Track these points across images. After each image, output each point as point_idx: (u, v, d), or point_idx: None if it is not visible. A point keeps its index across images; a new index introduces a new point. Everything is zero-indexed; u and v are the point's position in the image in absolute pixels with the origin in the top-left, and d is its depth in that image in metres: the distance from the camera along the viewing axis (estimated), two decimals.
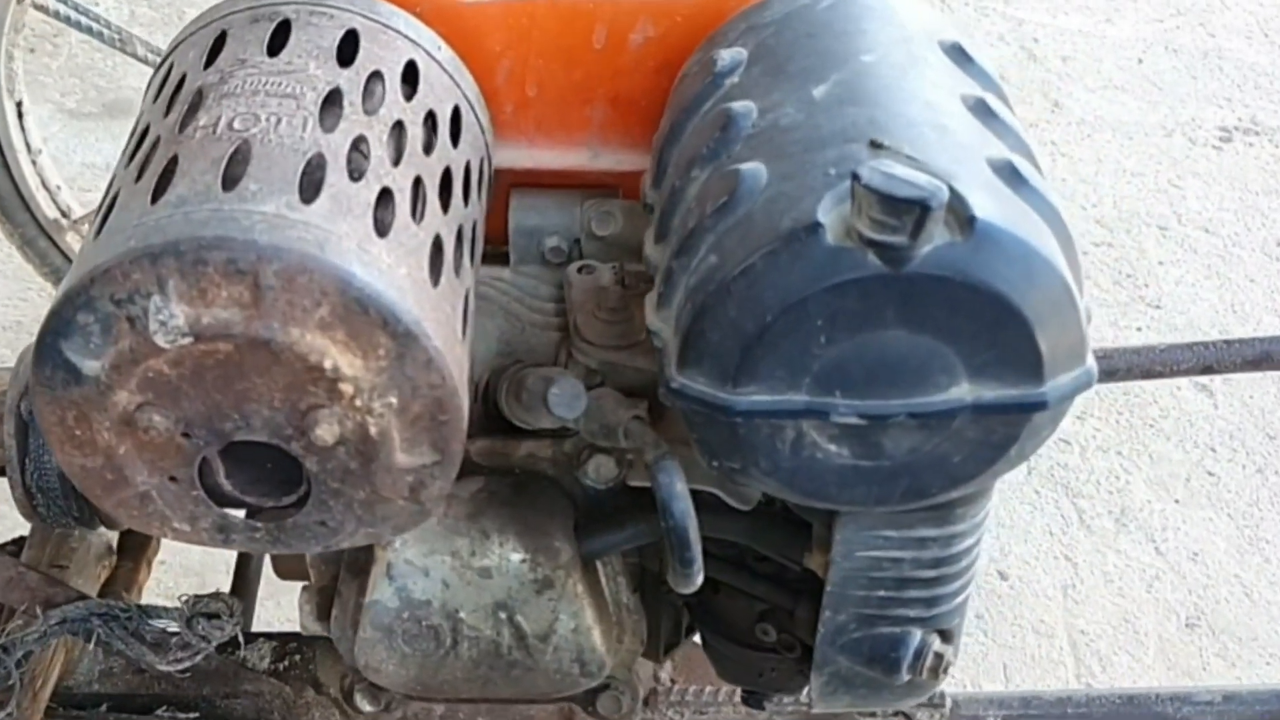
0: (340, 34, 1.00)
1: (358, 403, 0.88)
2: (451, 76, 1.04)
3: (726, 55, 1.01)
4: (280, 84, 0.94)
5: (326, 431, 0.88)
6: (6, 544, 1.48)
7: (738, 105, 0.96)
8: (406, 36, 1.02)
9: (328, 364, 0.86)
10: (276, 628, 1.56)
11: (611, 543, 1.06)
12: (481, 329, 1.13)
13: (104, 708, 1.41)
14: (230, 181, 0.87)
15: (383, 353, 0.87)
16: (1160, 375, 1.41)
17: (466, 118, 1.04)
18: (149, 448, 0.90)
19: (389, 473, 0.92)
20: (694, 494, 1.01)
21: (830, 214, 0.85)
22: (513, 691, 1.09)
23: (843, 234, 0.84)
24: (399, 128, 0.97)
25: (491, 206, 1.17)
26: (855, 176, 0.83)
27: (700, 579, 0.99)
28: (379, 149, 0.94)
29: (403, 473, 0.92)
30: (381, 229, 0.89)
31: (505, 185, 1.18)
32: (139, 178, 0.91)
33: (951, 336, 0.87)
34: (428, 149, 0.98)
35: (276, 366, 0.86)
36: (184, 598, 1.27)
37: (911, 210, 0.82)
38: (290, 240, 0.84)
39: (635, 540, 1.06)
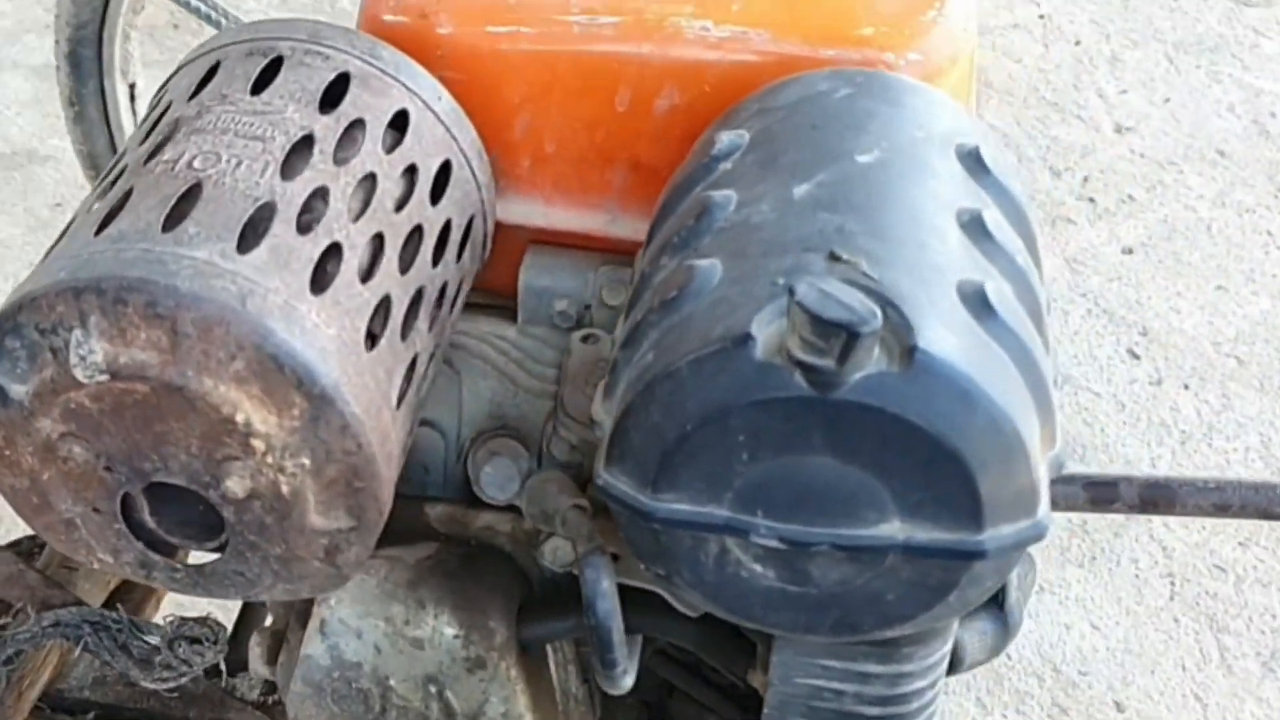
0: (330, 77, 1.06)
1: (269, 460, 0.93)
2: (448, 129, 1.09)
3: (726, 138, 1.05)
4: (252, 125, 1.01)
5: (237, 484, 0.94)
6: (23, 540, 1.58)
7: (718, 194, 1.00)
8: (404, 84, 1.08)
9: (240, 418, 0.92)
10: None
11: (555, 630, 1.10)
12: (474, 389, 1.19)
13: (91, 715, 1.50)
14: (172, 222, 0.94)
15: (297, 413, 0.92)
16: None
17: (458, 173, 1.09)
18: (71, 477, 0.97)
19: (302, 533, 0.97)
20: (645, 594, 1.04)
21: (765, 327, 0.88)
22: None
23: (774, 350, 0.87)
24: (370, 180, 1.02)
25: (508, 260, 1.22)
26: (790, 291, 0.86)
27: (626, 682, 1.03)
28: (339, 201, 0.99)
29: (317, 534, 0.97)
30: (318, 286, 0.95)
31: (522, 241, 1.23)
32: (94, 206, 0.98)
33: (882, 471, 0.89)
34: (400, 204, 1.03)
35: (192, 414, 0.92)
36: (169, 618, 1.35)
37: (839, 334, 0.84)
38: (213, 290, 0.90)
39: (578, 631, 1.10)
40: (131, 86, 2.12)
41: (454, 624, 1.10)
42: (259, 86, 1.04)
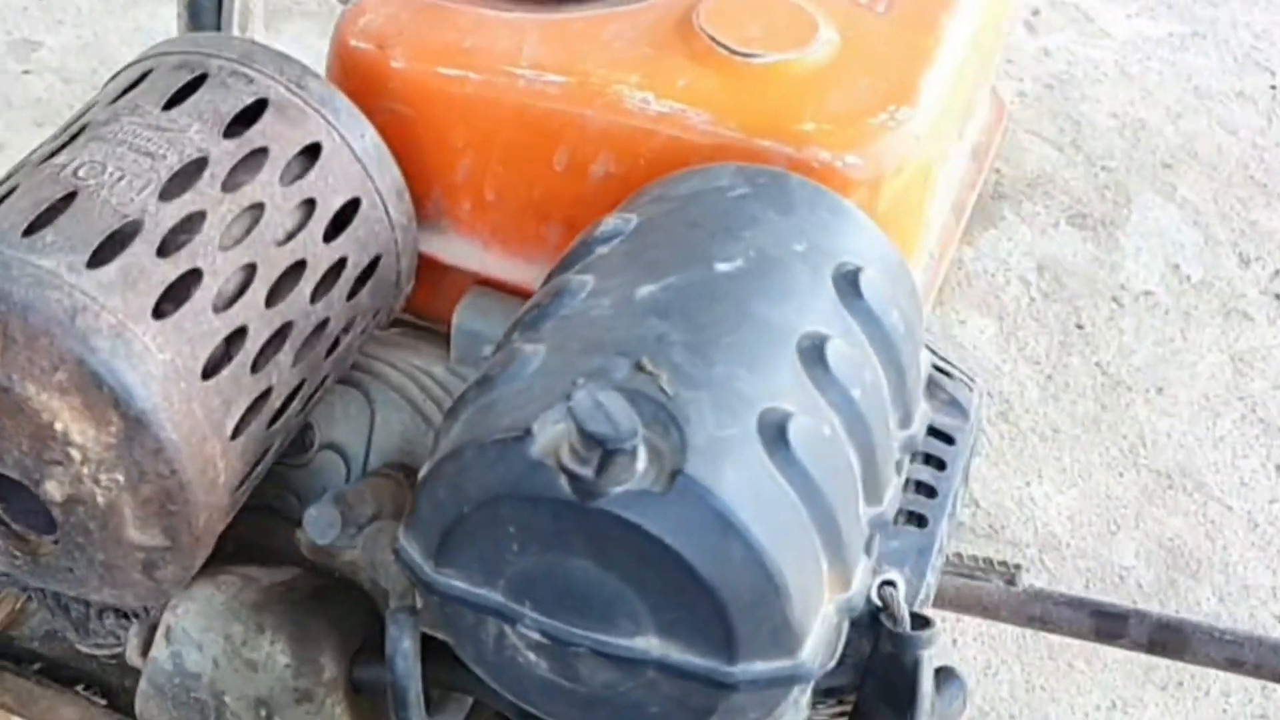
0: (247, 101, 1.14)
1: (86, 470, 1.03)
2: (364, 167, 1.17)
3: (612, 222, 1.11)
4: (150, 140, 1.10)
5: (56, 489, 1.04)
6: None
7: (576, 280, 1.06)
8: (324, 117, 1.16)
9: (59, 426, 1.01)
10: None
11: (385, 677, 1.17)
12: (387, 420, 1.27)
13: (35, 666, 1.62)
14: (34, 227, 1.03)
15: (113, 430, 1.01)
16: None
17: (367, 212, 1.17)
18: None
19: (120, 545, 1.06)
20: None
21: (548, 426, 0.94)
22: None
23: (548, 450, 0.93)
24: (257, 209, 1.10)
25: (452, 298, 1.29)
26: (567, 396, 0.92)
27: None
28: (214, 228, 1.08)
29: (134, 549, 1.07)
30: (162, 311, 1.03)
31: (465, 281, 1.31)
32: None
33: (638, 585, 0.94)
34: (286, 237, 1.11)
35: (20, 415, 1.02)
36: None
37: (596, 447, 0.90)
38: (46, 301, 0.99)
39: None
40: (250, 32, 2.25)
41: (287, 653, 1.18)
42: (173, 102, 1.13)
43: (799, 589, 0.94)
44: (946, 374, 1.41)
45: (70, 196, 1.05)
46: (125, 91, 1.15)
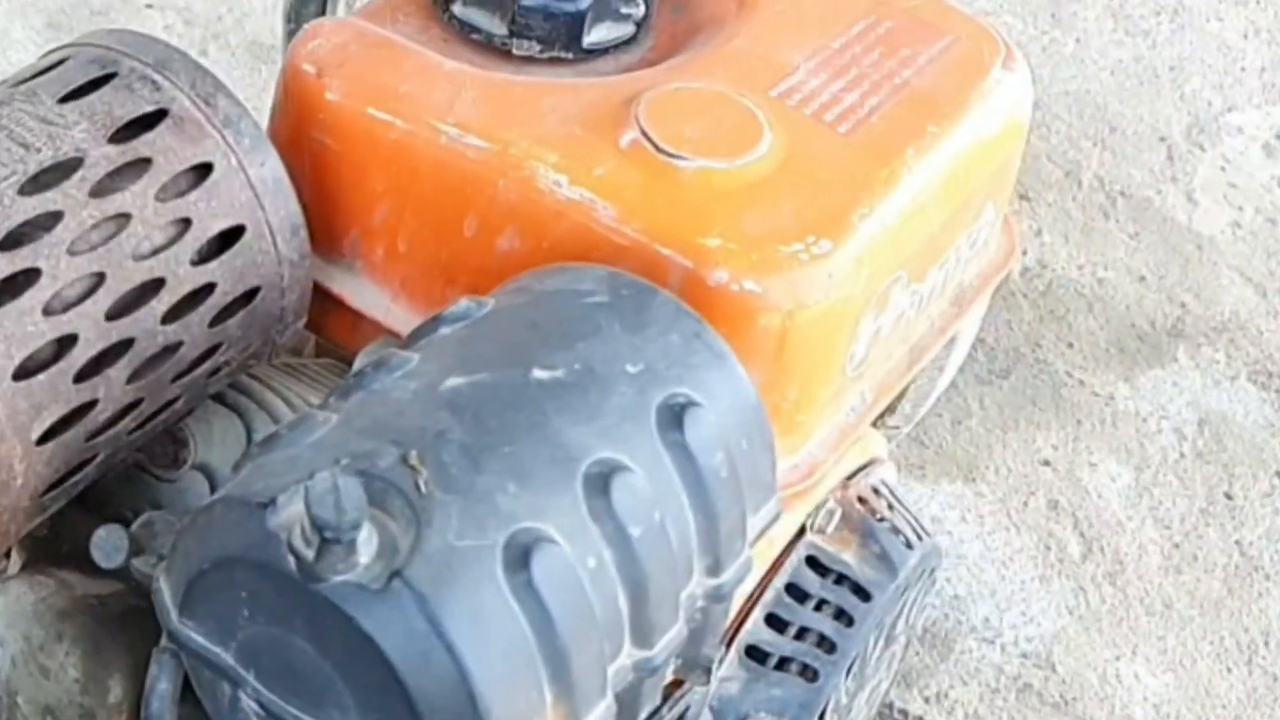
0: (146, 109, 1.30)
1: None
2: (257, 195, 1.32)
3: (465, 304, 1.23)
4: (32, 130, 1.26)
5: None
6: None
7: (401, 356, 1.19)
8: (225, 138, 1.31)
9: None
10: None
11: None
12: (235, 432, 1.41)
13: None
14: None
15: None
16: None
17: (252, 242, 1.31)
18: None
19: None
20: None
21: (294, 500, 1.07)
22: None
23: (286, 524, 1.07)
24: (121, 219, 1.26)
25: (360, 337, 1.44)
26: (310, 475, 1.06)
27: None
28: (69, 231, 1.23)
29: None
30: None
31: (378, 330, 1.45)
32: None
33: (347, 676, 1.07)
34: (149, 253, 1.27)
35: None
36: None
37: (318, 532, 1.03)
38: None
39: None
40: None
41: (78, 668, 1.33)
42: (71, 96, 1.28)
43: (503, 712, 1.06)
44: (894, 527, 1.51)
45: None
46: (33, 76, 1.31)
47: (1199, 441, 2.93)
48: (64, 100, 1.28)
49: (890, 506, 1.57)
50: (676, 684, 1.34)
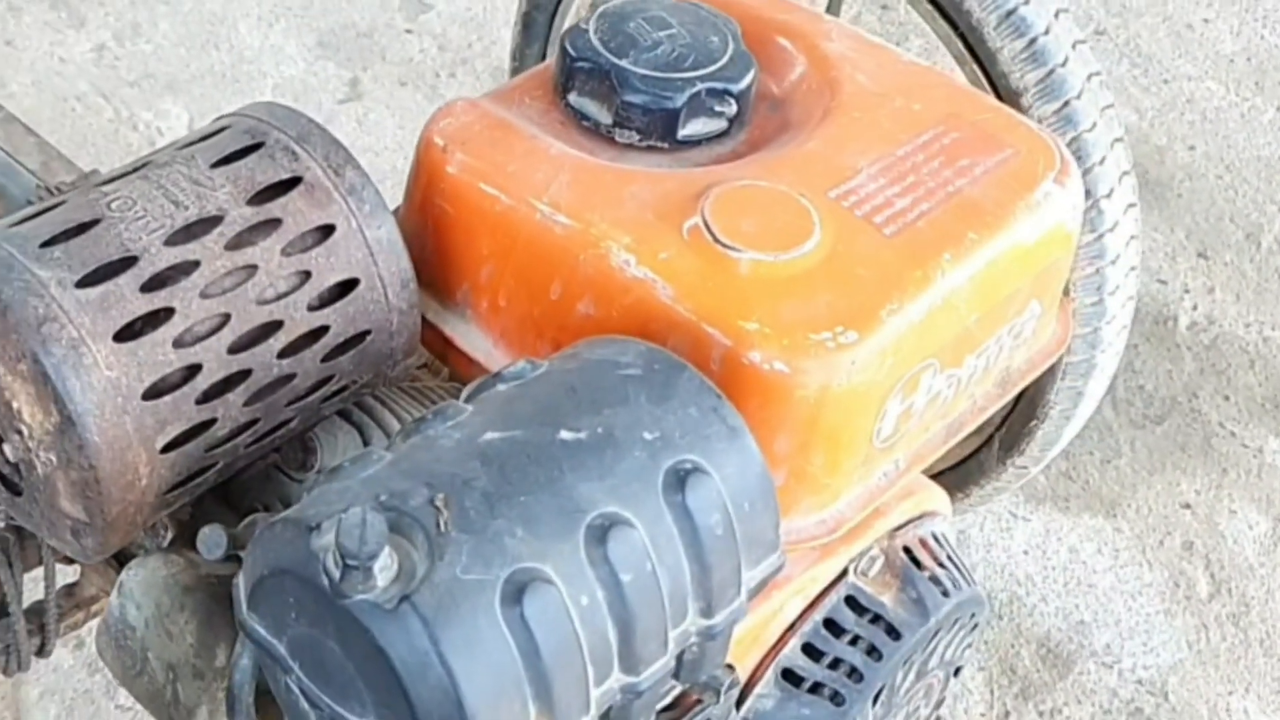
0: (283, 176, 1.44)
1: (31, 444, 1.36)
2: (371, 254, 1.45)
3: (521, 365, 1.35)
4: (183, 190, 1.41)
5: (11, 452, 1.37)
6: None
7: (457, 407, 1.32)
8: (348, 204, 1.45)
9: (16, 405, 1.34)
10: None
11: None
12: (355, 444, 1.55)
13: None
14: (52, 242, 1.36)
15: (53, 421, 1.33)
16: None
17: (364, 293, 1.45)
18: None
19: (54, 509, 1.39)
20: None
21: (335, 524, 1.21)
22: None
23: (325, 547, 1.20)
24: (249, 270, 1.40)
25: (469, 377, 1.57)
26: (345, 509, 1.19)
27: None
28: (203, 278, 1.38)
29: (64, 516, 1.39)
30: (124, 335, 1.35)
31: (476, 371, 1.58)
32: (41, 201, 1.42)
33: (364, 677, 1.20)
34: (271, 299, 1.41)
35: None
36: None
37: (342, 558, 1.17)
38: (25, 304, 1.31)
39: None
40: None
41: (194, 635, 1.48)
42: (223, 162, 1.43)
43: None
44: (934, 576, 1.60)
45: (94, 223, 1.36)
46: (197, 141, 1.46)
47: None
48: (215, 165, 1.42)
49: (935, 558, 1.65)
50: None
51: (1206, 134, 3.61)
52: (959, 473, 2.54)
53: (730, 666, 1.48)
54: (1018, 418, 2.39)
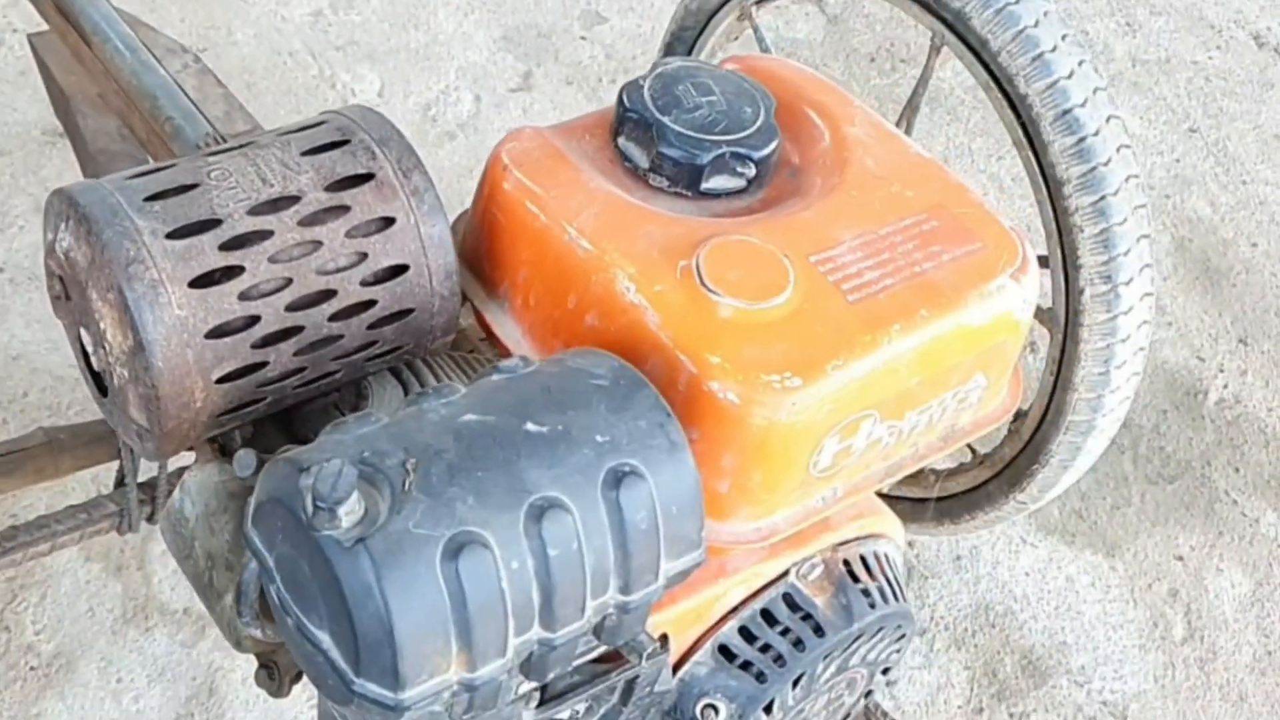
0: (359, 170, 1.55)
1: (111, 359, 1.49)
2: (424, 246, 1.56)
3: (515, 362, 1.45)
4: (273, 170, 1.53)
5: (96, 362, 1.51)
6: None
7: (453, 388, 1.42)
8: (410, 202, 1.55)
9: (102, 325, 1.47)
10: None
11: None
12: (398, 397, 1.66)
13: None
14: (155, 198, 1.49)
15: (128, 344, 1.46)
16: None
17: (412, 278, 1.56)
18: (63, 310, 1.56)
19: (125, 414, 1.52)
20: None
21: (316, 471, 1.31)
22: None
23: (307, 487, 1.31)
24: (314, 244, 1.52)
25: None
26: (327, 460, 1.30)
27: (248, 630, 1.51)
28: (273, 246, 1.50)
29: (132, 421, 1.52)
30: (198, 284, 1.47)
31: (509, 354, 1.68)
32: (151, 162, 1.54)
33: (324, 596, 1.31)
34: (330, 271, 1.53)
35: (91, 306, 1.49)
36: None
37: (315, 499, 1.28)
38: (121, 246, 1.44)
39: None
40: None
41: (229, 534, 1.61)
42: (312, 152, 1.55)
43: (413, 652, 1.28)
44: (865, 590, 1.67)
45: (192, 186, 1.48)
46: (297, 130, 1.57)
47: None
48: (305, 153, 1.53)
49: (870, 573, 1.72)
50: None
51: (1271, 234, 3.60)
52: (968, 499, 2.59)
53: (665, 638, 1.56)
54: (1023, 460, 2.44)
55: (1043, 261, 2.24)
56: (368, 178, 1.54)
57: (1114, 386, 2.25)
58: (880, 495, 2.50)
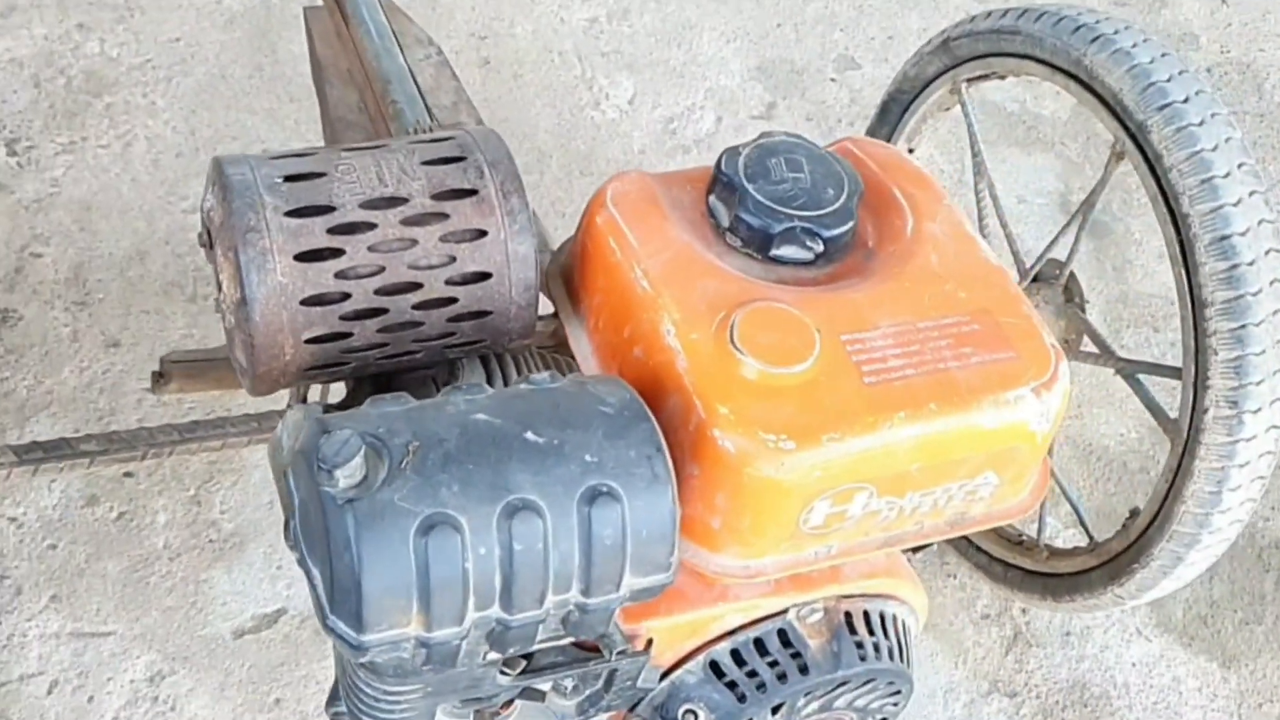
0: (465, 186, 1.69)
1: (225, 305, 1.66)
2: (509, 260, 1.69)
3: (544, 376, 1.57)
4: (392, 172, 1.68)
5: (217, 306, 1.69)
6: None
7: (479, 387, 1.55)
8: (505, 221, 1.69)
9: (222, 277, 1.65)
10: None
11: None
12: (481, 377, 1.80)
13: None
14: (289, 180, 1.65)
15: (236, 297, 1.63)
16: None
17: (493, 286, 1.69)
18: (205, 249, 1.75)
19: (232, 351, 1.70)
20: None
21: (329, 435, 1.46)
22: None
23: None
24: (410, 242, 1.67)
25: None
26: (340, 429, 1.45)
27: None
28: (375, 237, 1.65)
29: (237, 359, 1.70)
30: (303, 258, 1.63)
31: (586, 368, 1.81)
32: (316, 145, 1.71)
33: (322, 537, 1.46)
34: (421, 267, 1.67)
35: (218, 258, 1.67)
36: None
37: (311, 456, 1.43)
38: (244, 217, 1.60)
39: None
40: (909, 150, 2.71)
41: None
42: (431, 163, 1.69)
43: (376, 605, 1.41)
44: (860, 643, 1.74)
45: (320, 175, 1.64)
46: (426, 141, 1.71)
47: None
48: (425, 163, 1.67)
49: (870, 629, 1.78)
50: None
51: None
52: (1071, 580, 2.59)
53: (650, 642, 1.65)
54: (1126, 556, 2.43)
55: (1175, 372, 2.22)
56: (471, 193, 1.66)
57: (1224, 508, 2.22)
58: (994, 560, 2.54)
